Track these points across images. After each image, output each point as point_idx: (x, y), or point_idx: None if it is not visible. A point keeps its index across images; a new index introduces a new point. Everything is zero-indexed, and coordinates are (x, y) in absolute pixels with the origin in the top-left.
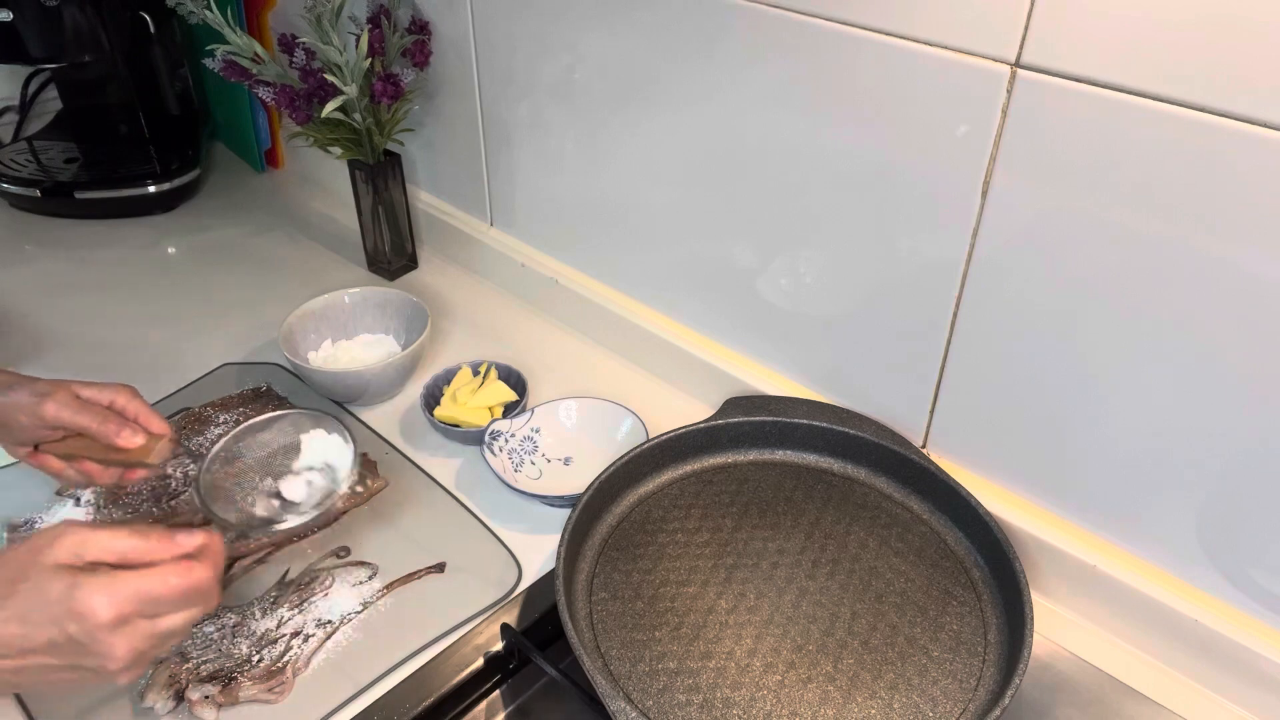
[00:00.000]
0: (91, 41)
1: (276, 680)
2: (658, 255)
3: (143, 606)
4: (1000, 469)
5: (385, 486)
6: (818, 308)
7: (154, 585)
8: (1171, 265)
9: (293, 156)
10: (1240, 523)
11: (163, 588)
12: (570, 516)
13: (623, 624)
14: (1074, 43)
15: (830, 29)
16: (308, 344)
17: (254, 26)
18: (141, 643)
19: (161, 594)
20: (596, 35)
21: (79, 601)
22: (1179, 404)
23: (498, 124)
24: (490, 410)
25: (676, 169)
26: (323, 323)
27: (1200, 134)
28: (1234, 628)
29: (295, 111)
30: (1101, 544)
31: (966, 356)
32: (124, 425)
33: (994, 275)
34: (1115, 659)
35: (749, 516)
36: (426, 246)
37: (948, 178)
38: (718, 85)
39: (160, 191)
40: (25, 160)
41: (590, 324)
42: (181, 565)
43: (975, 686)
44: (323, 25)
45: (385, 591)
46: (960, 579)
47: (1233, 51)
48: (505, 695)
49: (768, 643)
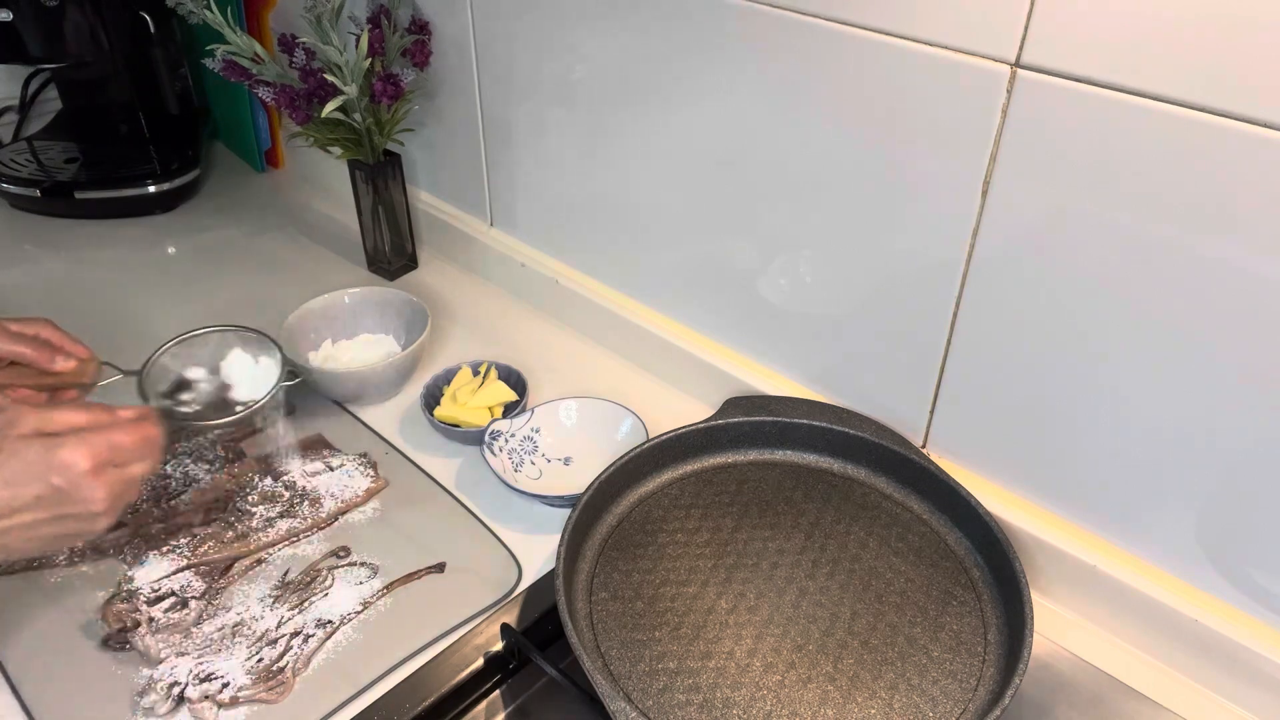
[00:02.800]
0: (91, 41)
1: (276, 680)
2: (658, 255)
3: (114, 455)
4: (1000, 469)
5: (385, 486)
6: (818, 308)
7: (120, 437)
8: (1171, 265)
9: (293, 156)
10: (1240, 523)
11: (127, 439)
12: (570, 516)
13: (623, 624)
14: (1074, 43)
15: (830, 29)
16: (308, 344)
17: (254, 26)
18: (117, 487)
19: (127, 444)
20: (597, 35)
21: (59, 457)
22: (1179, 403)
23: (498, 124)
24: (490, 410)
25: (677, 169)
26: (323, 323)
27: (1200, 134)
28: (1234, 628)
29: (295, 111)
30: (1101, 544)
31: (966, 356)
32: (56, 352)
33: (994, 275)
34: (1115, 659)
35: (749, 516)
36: (426, 246)
37: (948, 178)
38: (718, 85)
39: (160, 191)
40: (25, 160)
41: (590, 324)
42: (135, 424)
43: (975, 686)
44: (323, 25)
45: (385, 591)
46: (960, 579)
47: (1233, 51)
48: (505, 695)
49: (768, 643)
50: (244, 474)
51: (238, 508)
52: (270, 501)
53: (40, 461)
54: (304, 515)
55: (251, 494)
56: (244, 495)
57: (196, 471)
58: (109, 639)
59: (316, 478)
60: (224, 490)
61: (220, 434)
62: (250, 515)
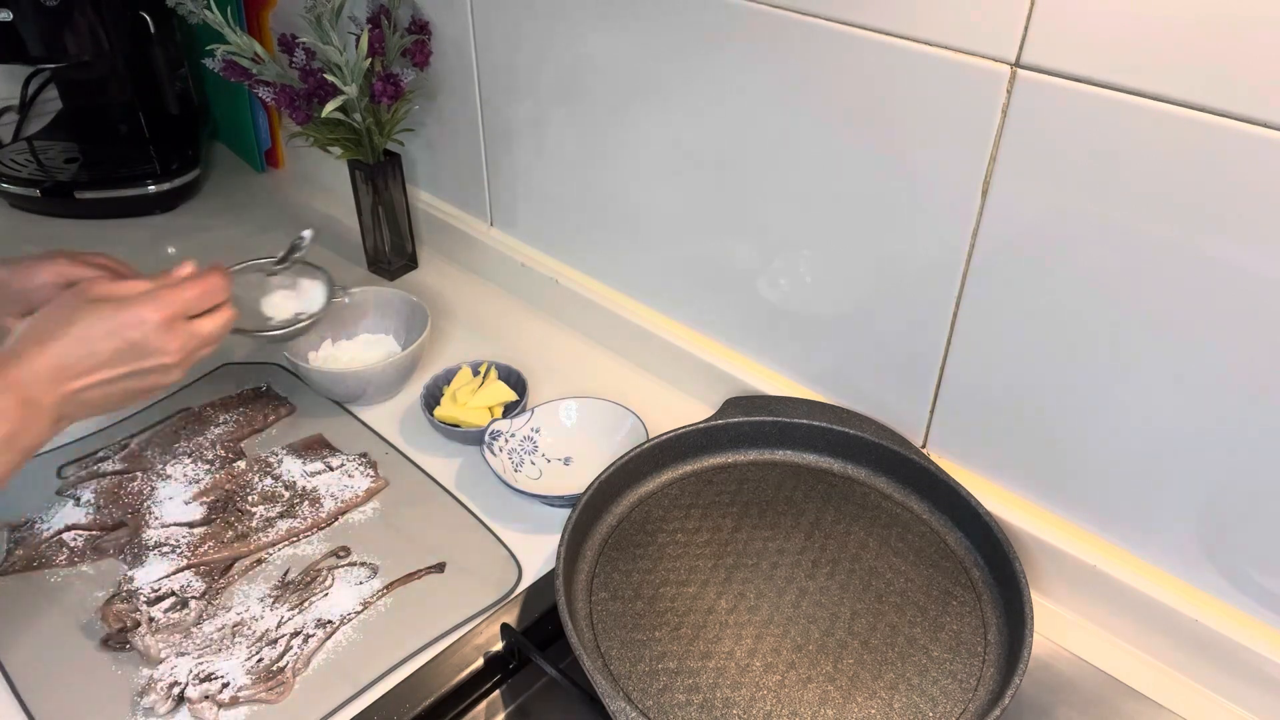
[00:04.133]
0: (91, 41)
1: (276, 680)
2: (658, 255)
3: (183, 307)
4: (1000, 469)
5: (385, 486)
6: (818, 308)
7: (185, 293)
8: (1171, 265)
9: (293, 156)
10: (1240, 523)
11: (192, 292)
12: (570, 516)
13: (623, 624)
14: (1074, 43)
15: (831, 29)
16: (308, 344)
17: (254, 26)
18: (188, 340)
19: (192, 298)
20: (597, 35)
21: (133, 313)
22: (1179, 403)
23: (498, 124)
24: (490, 410)
25: (677, 169)
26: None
27: (1200, 134)
28: (1234, 628)
29: (295, 111)
30: (1101, 544)
31: (966, 356)
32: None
33: (994, 275)
34: (1115, 659)
35: (749, 516)
36: (426, 246)
37: (948, 178)
38: (718, 85)
39: (160, 191)
40: (25, 160)
41: (590, 324)
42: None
43: (975, 686)
44: (323, 25)
45: (385, 591)
46: (960, 579)
47: (1233, 51)
48: (505, 695)
49: (768, 643)
50: (244, 474)
51: (238, 508)
52: (270, 501)
53: (114, 317)
54: (304, 515)
55: (251, 494)
56: (244, 495)
57: (197, 471)
58: (109, 639)
59: (316, 478)
60: (224, 490)
61: (220, 434)
62: (250, 515)
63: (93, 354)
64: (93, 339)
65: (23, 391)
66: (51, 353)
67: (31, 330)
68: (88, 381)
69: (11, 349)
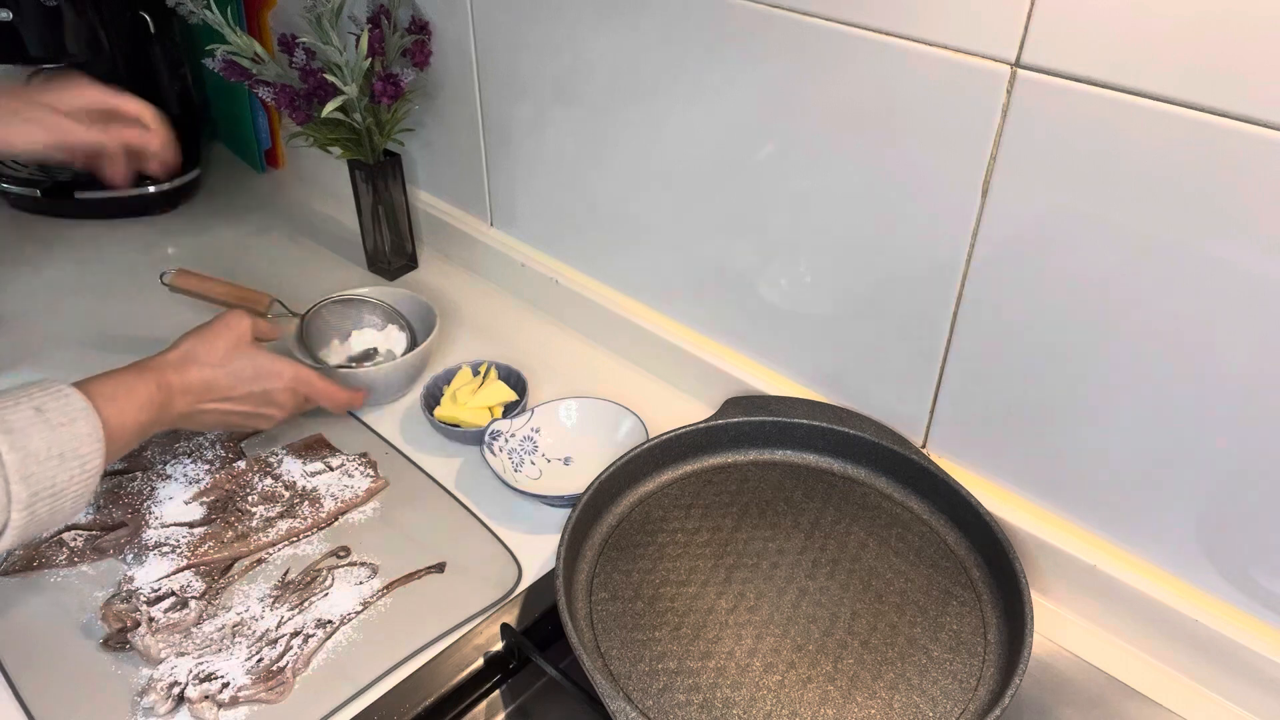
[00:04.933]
0: (91, 41)
1: (276, 680)
2: (658, 255)
3: (304, 384)
4: (1000, 469)
5: (385, 486)
6: (818, 308)
7: (316, 380)
8: (1172, 265)
9: (293, 156)
10: (1240, 523)
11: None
12: (570, 516)
13: (623, 624)
14: (1074, 43)
15: (830, 29)
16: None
17: (254, 26)
18: (293, 405)
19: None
20: (597, 35)
21: (277, 366)
22: (1179, 404)
23: (498, 124)
24: (490, 410)
25: (677, 169)
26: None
27: (1200, 134)
28: (1234, 628)
29: (295, 111)
30: (1101, 544)
31: (966, 356)
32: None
33: (994, 275)
34: (1115, 659)
35: (749, 516)
36: (426, 246)
37: (948, 178)
38: (718, 85)
39: (160, 191)
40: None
41: (590, 324)
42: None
43: (975, 686)
44: (323, 25)
45: (385, 591)
46: (960, 579)
47: (1233, 51)
48: (505, 695)
49: (768, 643)
50: (244, 474)
51: (238, 508)
52: (270, 501)
53: (264, 366)
54: (304, 515)
55: (251, 494)
56: (244, 495)
57: (196, 471)
58: (109, 639)
59: (316, 478)
60: (224, 490)
61: (220, 434)
62: (250, 515)
63: (233, 388)
64: (240, 375)
65: (169, 395)
66: (205, 376)
67: (193, 350)
68: (216, 406)
69: (174, 359)
